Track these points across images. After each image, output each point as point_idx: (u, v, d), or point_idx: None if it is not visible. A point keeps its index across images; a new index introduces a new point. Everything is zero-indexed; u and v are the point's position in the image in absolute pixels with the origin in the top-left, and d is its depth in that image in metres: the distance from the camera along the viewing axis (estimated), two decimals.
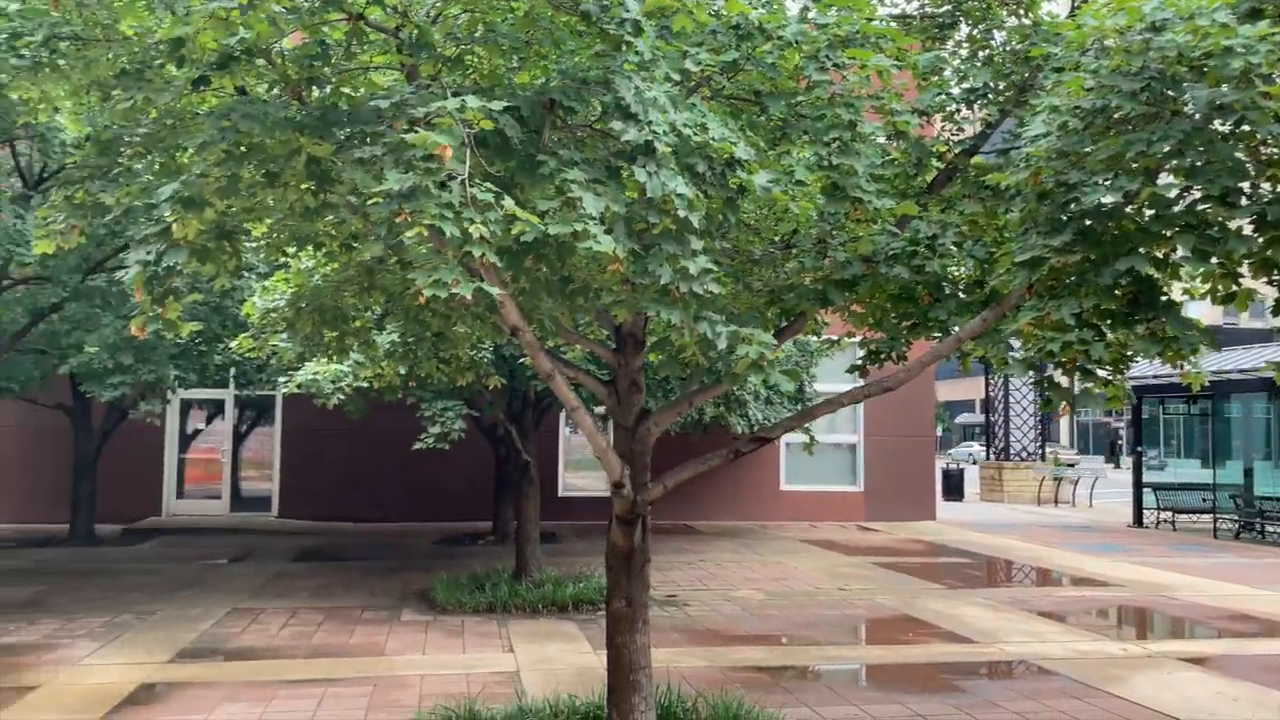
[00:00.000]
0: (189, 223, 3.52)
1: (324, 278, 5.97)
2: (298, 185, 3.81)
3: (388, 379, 7.34)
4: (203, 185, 3.52)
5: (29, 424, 16.91)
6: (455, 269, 3.11)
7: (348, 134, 3.57)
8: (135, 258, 3.67)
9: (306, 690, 7.08)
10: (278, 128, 3.46)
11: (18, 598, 10.39)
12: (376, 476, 18.18)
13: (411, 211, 3.06)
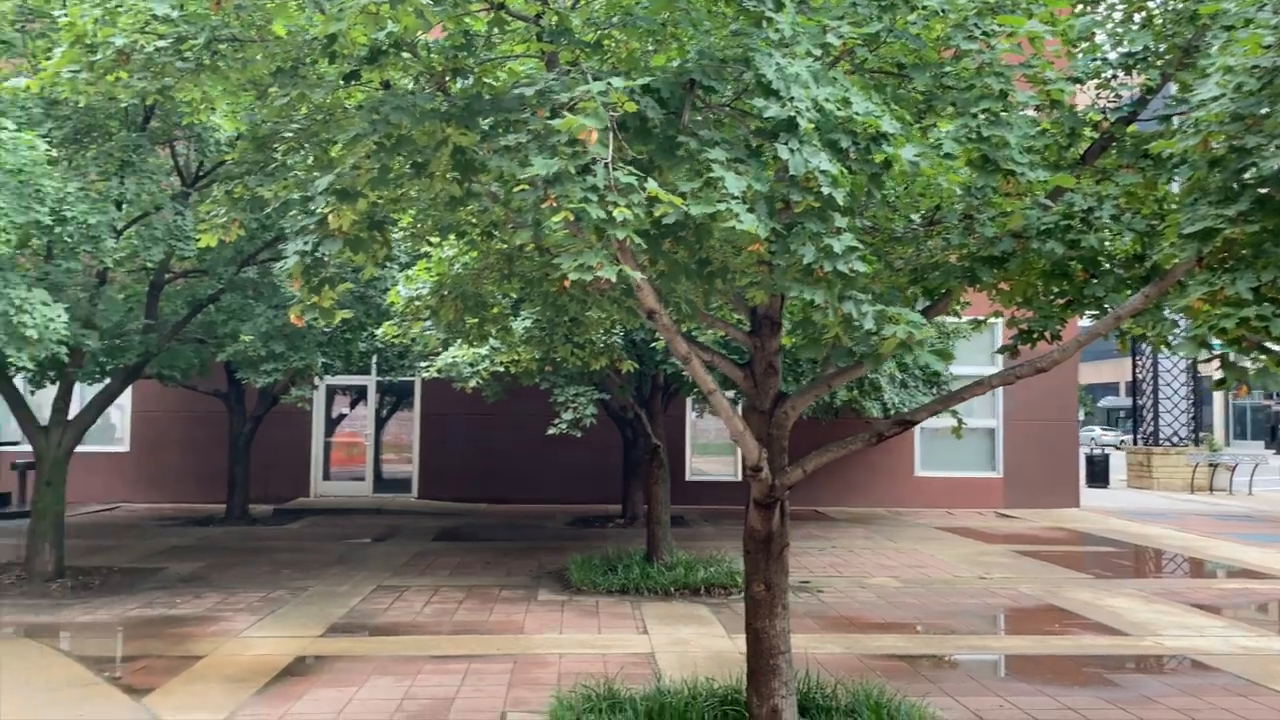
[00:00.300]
0: (343, 213, 3.66)
1: (464, 266, 6.11)
2: (443, 175, 3.90)
3: (524, 364, 7.48)
4: (355, 177, 3.65)
5: (189, 410, 17.98)
6: (600, 253, 3.13)
7: (491, 123, 3.63)
8: (293, 248, 3.83)
9: (451, 665, 7.31)
10: (425, 119, 3.55)
11: (183, 572, 11.07)
12: (510, 459, 18.61)
13: (556, 196, 3.09)
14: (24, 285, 8.31)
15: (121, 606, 9.23)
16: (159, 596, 9.69)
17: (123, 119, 9.66)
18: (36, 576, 10.15)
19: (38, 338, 8.04)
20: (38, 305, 8.13)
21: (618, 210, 3.02)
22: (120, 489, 18.25)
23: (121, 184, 9.24)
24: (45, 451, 10.48)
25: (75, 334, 9.10)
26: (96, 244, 8.85)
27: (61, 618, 8.78)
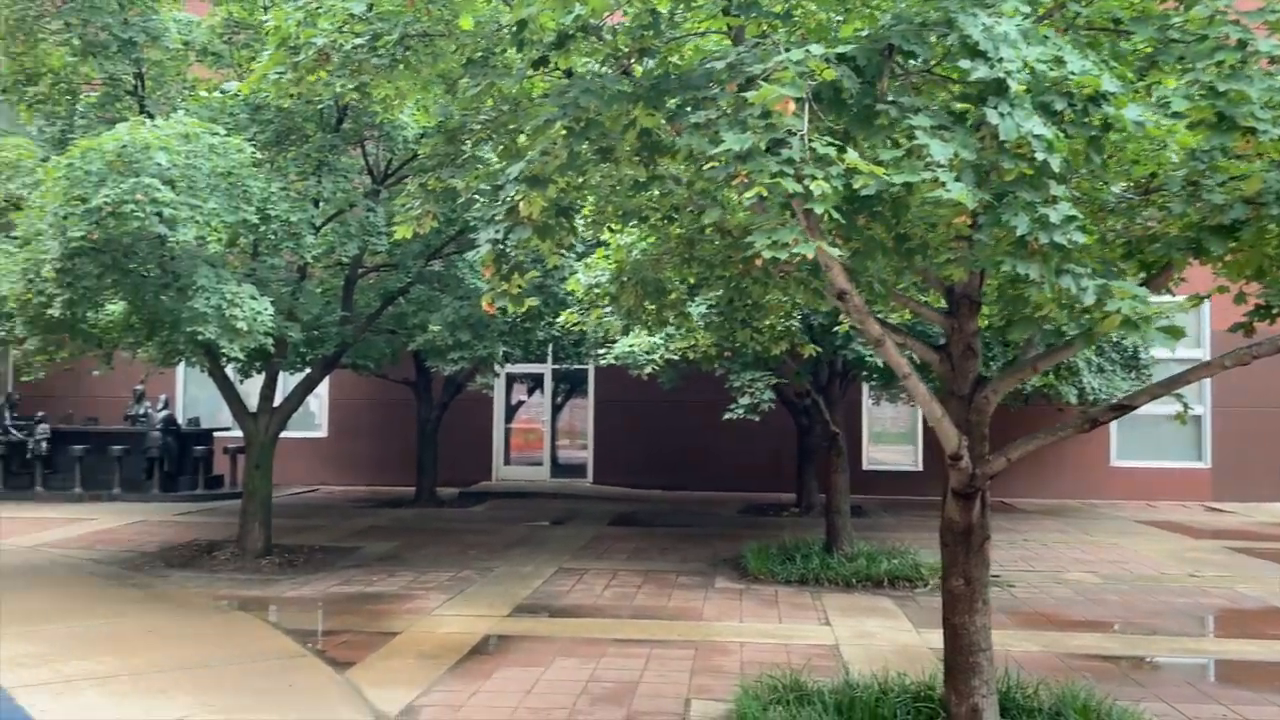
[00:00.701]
0: (533, 200, 3.68)
1: (643, 252, 6.10)
2: (629, 159, 3.87)
3: (703, 349, 7.42)
4: (545, 163, 3.66)
5: (381, 397, 18.91)
6: (794, 229, 3.01)
7: (679, 102, 3.57)
8: (485, 237, 3.88)
9: (633, 650, 7.35)
10: (613, 101, 3.52)
11: (378, 551, 11.64)
12: (683, 446, 18.67)
13: (749, 172, 2.99)
14: (234, 281, 8.90)
15: (323, 583, 9.77)
16: (356, 574, 10.21)
17: (319, 121, 10.19)
18: (248, 553, 10.90)
19: (247, 329, 8.58)
20: (246, 299, 8.68)
21: (815, 184, 2.89)
22: (320, 472, 19.41)
23: (319, 183, 9.75)
24: (254, 436, 11.22)
25: (279, 326, 9.67)
26: (297, 240, 9.37)
27: (270, 592, 9.38)
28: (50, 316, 8.65)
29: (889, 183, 3.00)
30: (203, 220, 8.28)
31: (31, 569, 10.25)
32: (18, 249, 8.89)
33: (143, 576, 9.95)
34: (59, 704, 5.87)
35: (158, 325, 10.09)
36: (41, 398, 18.87)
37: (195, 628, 7.86)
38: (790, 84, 2.98)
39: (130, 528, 13.36)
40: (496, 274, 4.05)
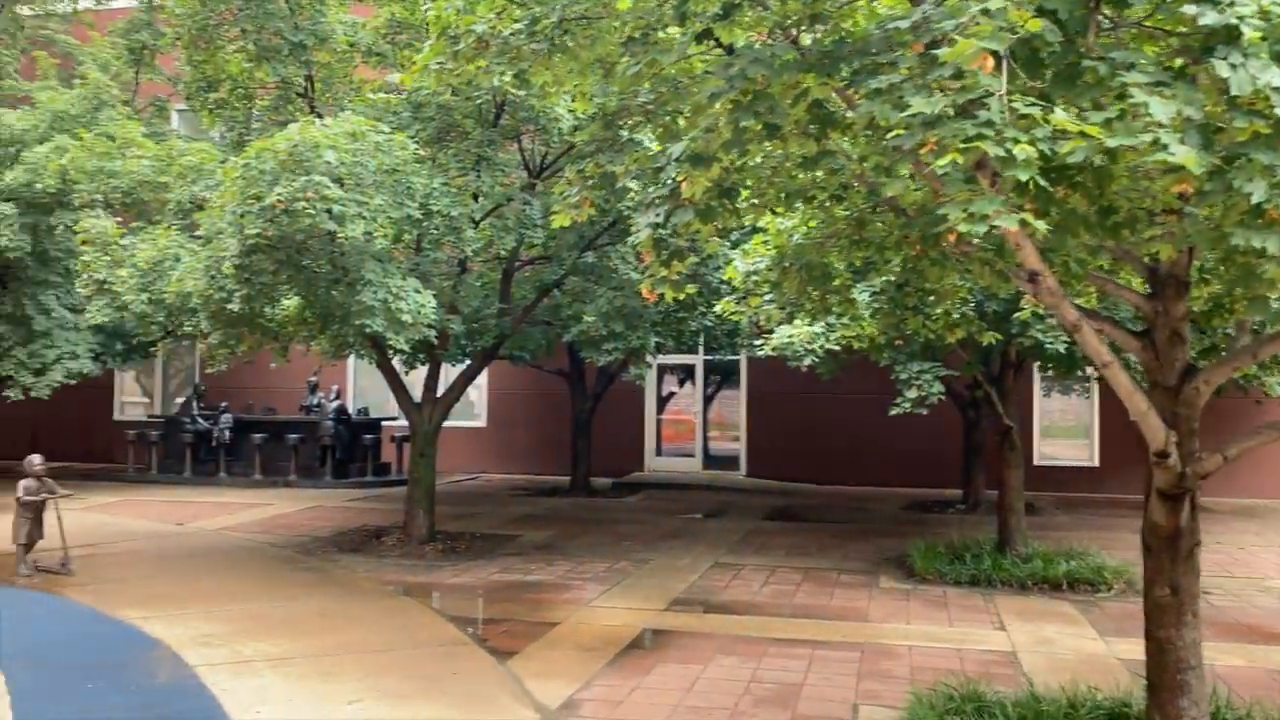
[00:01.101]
0: (697, 180, 3.50)
1: (805, 235, 5.83)
2: (798, 133, 3.64)
3: (870, 339, 7.08)
4: (710, 141, 3.48)
5: (536, 388, 19.22)
6: (995, 200, 2.71)
7: (854, 68, 3.31)
8: (645, 221, 3.73)
9: (794, 650, 7.11)
10: (784, 70, 3.29)
11: (536, 540, 11.77)
12: (839, 439, 18.19)
13: (940, 138, 2.72)
14: (399, 275, 9.11)
15: (484, 570, 9.92)
16: (515, 562, 10.34)
17: (477, 118, 10.33)
18: (413, 539, 11.21)
19: (411, 322, 8.78)
20: (410, 293, 8.87)
21: (1018, 147, 2.59)
22: (480, 461, 19.90)
23: (478, 178, 9.88)
24: (418, 426, 11.52)
25: (441, 318, 9.87)
26: (458, 235, 9.53)
27: (433, 578, 9.58)
28: (230, 311, 9.07)
29: (1101, 146, 2.66)
30: (369, 216, 8.51)
31: (215, 551, 10.85)
32: (201, 247, 9.37)
33: (315, 560, 10.37)
34: (239, 683, 6.11)
35: (329, 319, 10.46)
36: (225, 389, 20.06)
37: (364, 611, 8.09)
38: (991, 36, 2.68)
39: (304, 513, 13.99)
40: (656, 259, 3.90)
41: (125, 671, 6.36)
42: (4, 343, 16.18)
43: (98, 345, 17.03)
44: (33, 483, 9.40)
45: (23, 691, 5.86)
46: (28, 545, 9.40)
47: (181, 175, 11.16)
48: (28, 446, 22.02)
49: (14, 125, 16.40)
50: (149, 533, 11.99)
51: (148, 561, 10.17)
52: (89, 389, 21.03)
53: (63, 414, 21.18)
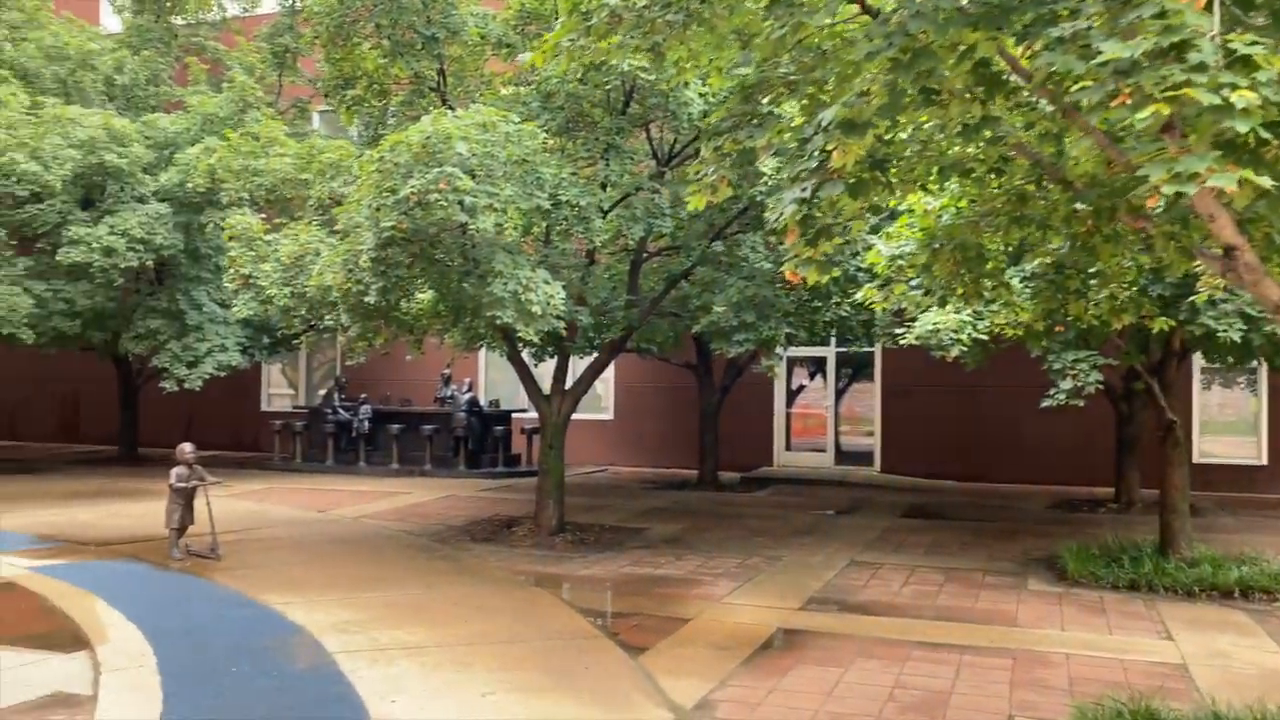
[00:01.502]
0: (849, 149, 3.24)
1: (955, 215, 5.46)
2: (960, 97, 3.33)
3: (1027, 325, 6.61)
4: (864, 106, 3.21)
5: (663, 381, 19.10)
6: (1205, 157, 2.37)
7: (1030, 19, 2.99)
8: (790, 197, 3.49)
9: (940, 655, 6.73)
10: (949, 24, 3.00)
11: (664, 533, 11.63)
12: (980, 434, 17.45)
13: (1137, 87, 2.39)
14: (528, 266, 9.09)
15: (613, 563, 9.83)
16: (645, 556, 10.21)
17: (605, 106, 10.24)
18: (543, 530, 11.23)
19: (541, 313, 8.73)
20: (540, 284, 8.83)
21: (1237, 94, 2.24)
22: (607, 453, 19.93)
23: (607, 166, 9.77)
24: (548, 417, 11.53)
25: (570, 310, 9.81)
26: (586, 225, 9.44)
27: (564, 569, 9.54)
28: (367, 304, 9.22)
29: None
30: (500, 207, 8.50)
31: (354, 538, 11.10)
32: (339, 242, 9.56)
33: (449, 549, 10.48)
34: (375, 671, 6.15)
35: (461, 311, 10.55)
36: (364, 381, 20.68)
37: (497, 602, 8.09)
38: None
39: (439, 502, 14.24)
40: (800, 238, 3.64)
41: (268, 656, 6.50)
42: (160, 336, 17.05)
43: (245, 339, 17.78)
44: (184, 470, 9.79)
45: (172, 672, 6.04)
46: (180, 530, 9.80)
47: (321, 172, 11.46)
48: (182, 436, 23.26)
49: (168, 128, 17.26)
50: (292, 519, 12.39)
51: (290, 547, 10.48)
52: (238, 381, 22.03)
53: (214, 405, 22.24)
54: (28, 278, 16.41)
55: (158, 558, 9.72)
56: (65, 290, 16.59)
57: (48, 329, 16.56)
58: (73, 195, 16.61)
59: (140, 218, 15.98)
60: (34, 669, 6.12)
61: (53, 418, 24.51)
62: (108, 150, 16.01)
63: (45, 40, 18.28)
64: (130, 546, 10.32)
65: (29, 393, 24.64)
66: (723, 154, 4.26)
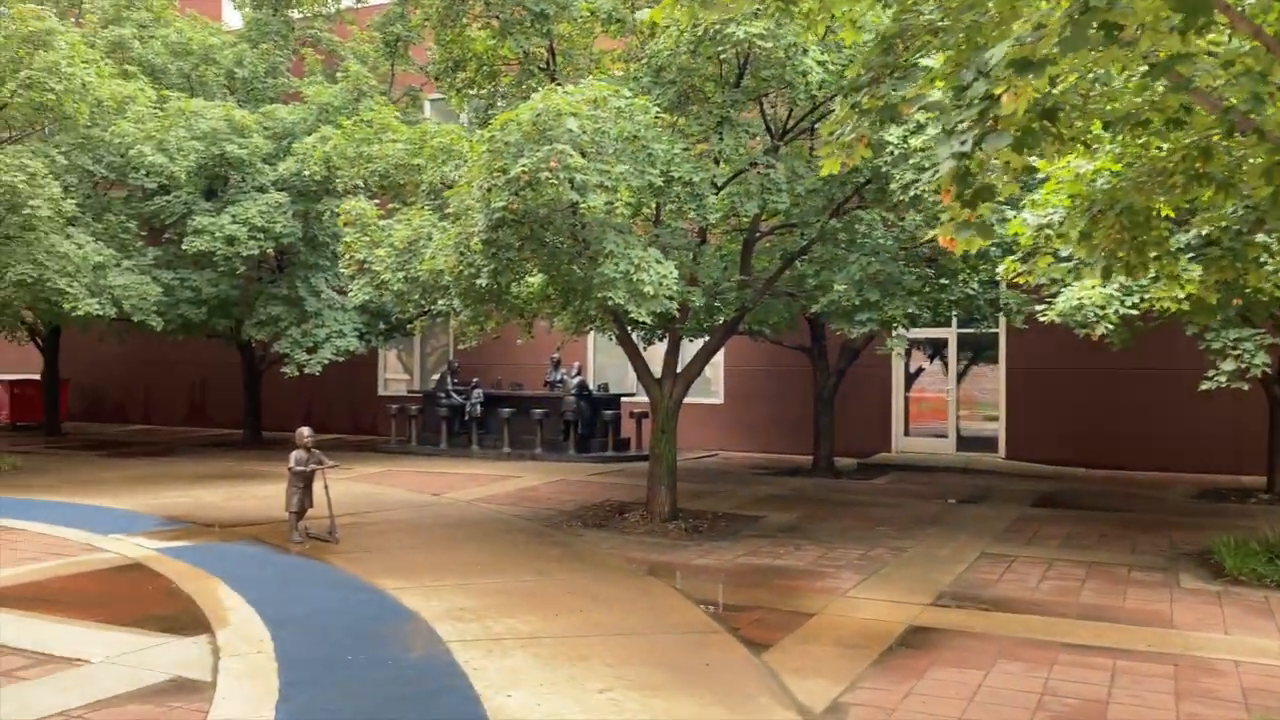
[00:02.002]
0: (1022, 90, 2.82)
1: (1112, 176, 4.93)
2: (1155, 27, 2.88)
3: (1196, 298, 5.98)
4: (1039, 40, 2.79)
5: (774, 365, 18.64)
6: None
7: None
8: (945, 152, 3.09)
9: (1091, 659, 6.20)
10: None
11: (781, 522, 11.24)
12: (1115, 419, 16.46)
13: None
14: (640, 246, 8.81)
15: (729, 552, 9.51)
16: (762, 545, 9.85)
17: (718, 80, 9.86)
18: (655, 516, 10.98)
19: (653, 294, 8.44)
20: (652, 263, 8.54)
21: None
22: (717, 438, 19.60)
23: (720, 140, 9.41)
24: (659, 401, 11.26)
25: (682, 291, 9.50)
26: (700, 202, 9.10)
27: (678, 558, 9.27)
28: (479, 287, 9.09)
29: None
30: (611, 185, 8.24)
31: (467, 522, 11.06)
32: (451, 225, 9.46)
33: (561, 535, 10.33)
34: (489, 661, 5.98)
35: (571, 294, 10.36)
36: (476, 365, 20.82)
37: (611, 591, 7.87)
38: None
39: (550, 486, 14.16)
40: (957, 199, 3.24)
41: (383, 644, 6.41)
42: (280, 323, 17.45)
43: (362, 325, 18.06)
44: (302, 454, 9.86)
45: (289, 659, 5.99)
46: (299, 513, 9.89)
47: (432, 157, 11.41)
48: (303, 420, 23.92)
49: (285, 119, 17.60)
50: (408, 503, 12.46)
51: (405, 531, 10.50)
52: (356, 366, 22.50)
53: (334, 390, 22.77)
54: (156, 267, 16.99)
55: (278, 540, 9.83)
56: (191, 279, 17.13)
57: (175, 316, 17.12)
58: (197, 186, 17.11)
59: (260, 207, 16.34)
60: (157, 652, 6.16)
61: (183, 403, 25.52)
62: (229, 141, 16.41)
63: (171, 37, 18.86)
64: (252, 529, 10.50)
65: (161, 378, 25.70)
66: (861, 111, 3.86)
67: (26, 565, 8.57)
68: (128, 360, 25.84)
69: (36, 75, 13.43)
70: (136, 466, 16.26)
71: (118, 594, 7.70)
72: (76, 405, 26.63)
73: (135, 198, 17.63)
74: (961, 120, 3.07)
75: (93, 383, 26.68)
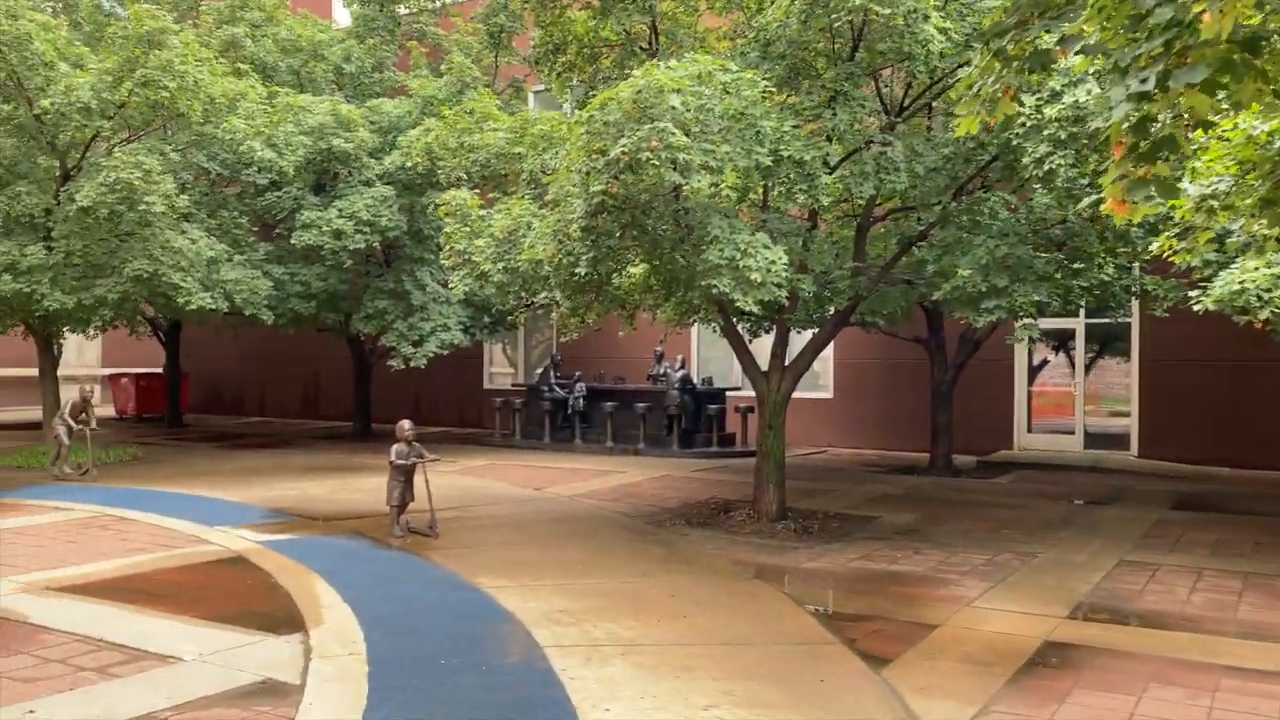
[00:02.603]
0: (1228, 8, 2.28)
1: None
2: None
3: None
4: None
5: (887, 357, 17.88)
6: None
7: None
8: (1119, 95, 2.56)
9: (1262, 685, 5.49)
10: None
11: (897, 523, 10.62)
12: (1259, 415, 15.19)
13: None
14: (746, 231, 8.33)
15: (841, 555, 8.97)
16: (876, 548, 9.28)
17: (830, 55, 9.30)
18: (762, 515, 10.49)
19: (760, 281, 7.96)
20: (760, 249, 8.06)
21: None
22: (825, 434, 18.93)
23: (834, 116, 8.86)
24: (766, 395, 10.76)
25: (791, 279, 8.98)
26: (811, 183, 8.58)
27: (787, 561, 8.77)
28: (578, 277, 8.76)
29: None
30: (716, 166, 7.80)
31: (569, 518, 10.78)
32: (549, 212, 9.16)
33: (664, 533, 9.95)
34: (588, 670, 5.63)
35: (674, 284, 9.96)
36: (579, 359, 20.63)
37: (715, 595, 7.44)
38: None
39: (653, 482, 13.80)
40: (1130, 153, 2.70)
41: (478, 647, 6.13)
42: (387, 316, 17.54)
43: (467, 318, 18.03)
44: (403, 447, 9.72)
45: (381, 661, 5.76)
46: (400, 507, 9.76)
47: (533, 145, 11.15)
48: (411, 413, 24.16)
49: (390, 112, 17.68)
50: (509, 497, 12.27)
51: (506, 527, 10.27)
52: (462, 359, 22.59)
53: (440, 383, 22.92)
54: (268, 262, 17.27)
55: (379, 534, 9.72)
56: (301, 273, 17.36)
57: (286, 310, 17.39)
58: (305, 181, 17.32)
59: (366, 201, 16.43)
60: (249, 651, 6.01)
61: (297, 396, 26.11)
62: (335, 135, 16.55)
63: (281, 34, 19.17)
64: (354, 522, 10.43)
65: (277, 372, 26.35)
66: (1005, 59, 3.33)
67: (135, 556, 8.63)
68: (245, 354, 26.59)
69: (151, 73, 13.70)
70: (249, 458, 16.56)
71: (218, 588, 7.65)
72: (197, 398, 27.53)
73: (248, 194, 17.98)
74: (1139, 53, 2.54)
75: (212, 376, 27.55)
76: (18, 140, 14.85)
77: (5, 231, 14.44)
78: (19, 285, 13.89)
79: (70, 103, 13.71)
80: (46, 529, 9.88)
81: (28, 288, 13.98)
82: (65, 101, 13.68)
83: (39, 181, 14.83)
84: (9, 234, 14.52)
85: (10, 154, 14.58)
